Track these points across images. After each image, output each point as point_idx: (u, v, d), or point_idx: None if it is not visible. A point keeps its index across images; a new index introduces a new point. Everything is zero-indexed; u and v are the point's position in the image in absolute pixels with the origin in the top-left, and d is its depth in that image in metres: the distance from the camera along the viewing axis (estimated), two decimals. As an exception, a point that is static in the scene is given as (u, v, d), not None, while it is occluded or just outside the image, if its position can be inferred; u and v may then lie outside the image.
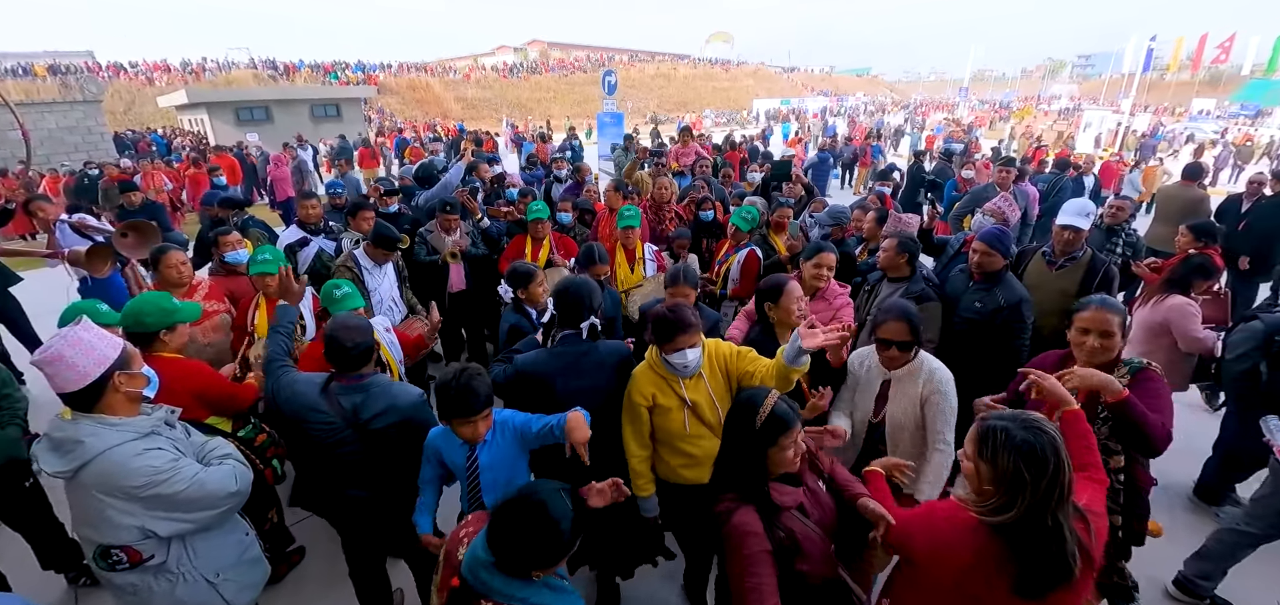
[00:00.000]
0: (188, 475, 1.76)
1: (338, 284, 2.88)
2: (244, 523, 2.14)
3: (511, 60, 59.12)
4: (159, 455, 1.73)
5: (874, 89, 74.80)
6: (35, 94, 18.11)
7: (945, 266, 4.00)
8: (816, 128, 28.24)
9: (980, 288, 3.16)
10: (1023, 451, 1.31)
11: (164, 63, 36.47)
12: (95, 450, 1.65)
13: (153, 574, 1.81)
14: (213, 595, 1.93)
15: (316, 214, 4.68)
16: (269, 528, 3.01)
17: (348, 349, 2.12)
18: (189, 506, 1.78)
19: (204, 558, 1.90)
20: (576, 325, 2.37)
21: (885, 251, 3.34)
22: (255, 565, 2.12)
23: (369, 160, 16.44)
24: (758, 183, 6.39)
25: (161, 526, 1.75)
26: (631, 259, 4.14)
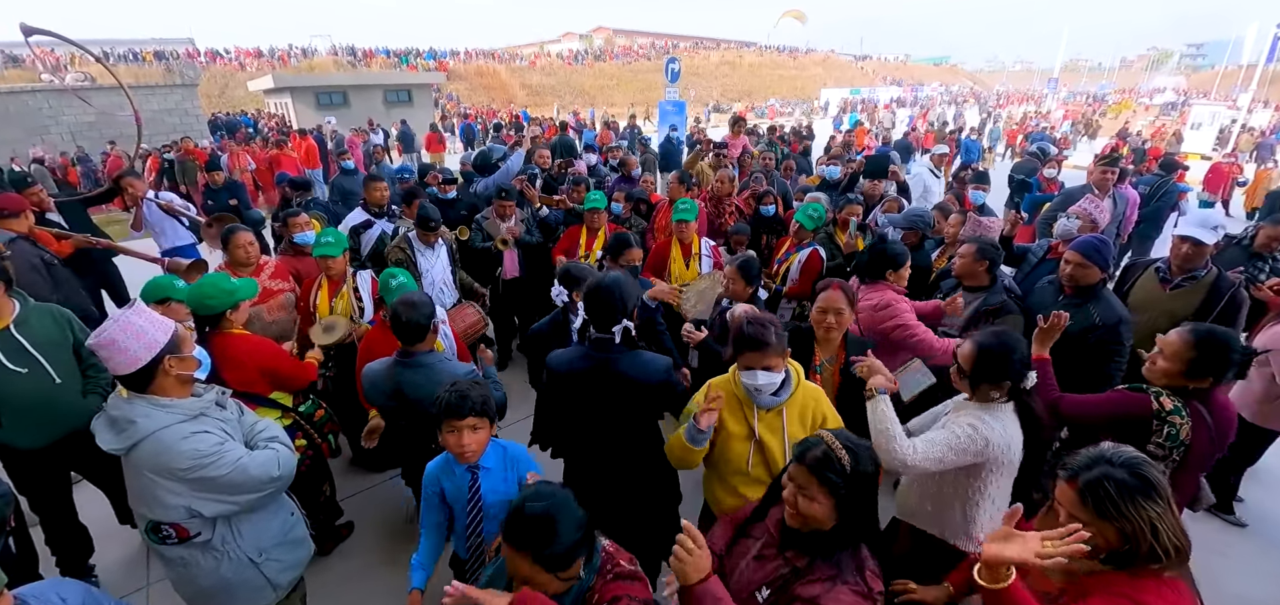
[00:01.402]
0: (231, 459, 1.79)
1: (393, 273, 2.91)
2: (291, 503, 2.18)
3: (577, 47, 59.60)
4: (205, 439, 1.76)
5: (952, 79, 70.72)
6: (142, 78, 19.64)
7: (1029, 275, 3.64)
8: (887, 119, 26.95)
9: (1071, 302, 2.85)
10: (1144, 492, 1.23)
11: (255, 49, 38.88)
12: (146, 431, 1.70)
13: (199, 550, 1.87)
14: (255, 573, 1.97)
15: (382, 197, 4.80)
16: (323, 500, 3.10)
17: (403, 322, 2.30)
18: (232, 489, 1.81)
19: (248, 537, 1.94)
20: (608, 329, 2.18)
21: (962, 258, 3.07)
22: (299, 545, 2.16)
23: (436, 145, 16.96)
24: (836, 178, 5.95)
25: (206, 507, 1.80)
26: (687, 253, 4.02)
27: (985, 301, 2.92)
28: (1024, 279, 3.63)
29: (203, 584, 1.92)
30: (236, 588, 1.96)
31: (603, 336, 2.16)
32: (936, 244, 4.06)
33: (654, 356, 2.22)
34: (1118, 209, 4.98)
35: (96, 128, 16.75)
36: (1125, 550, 1.28)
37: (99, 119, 16.62)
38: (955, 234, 3.80)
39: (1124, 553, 1.28)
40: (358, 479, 3.70)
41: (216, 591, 1.95)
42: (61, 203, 4.67)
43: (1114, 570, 1.30)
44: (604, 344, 2.16)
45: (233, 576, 1.93)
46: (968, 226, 3.63)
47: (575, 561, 1.32)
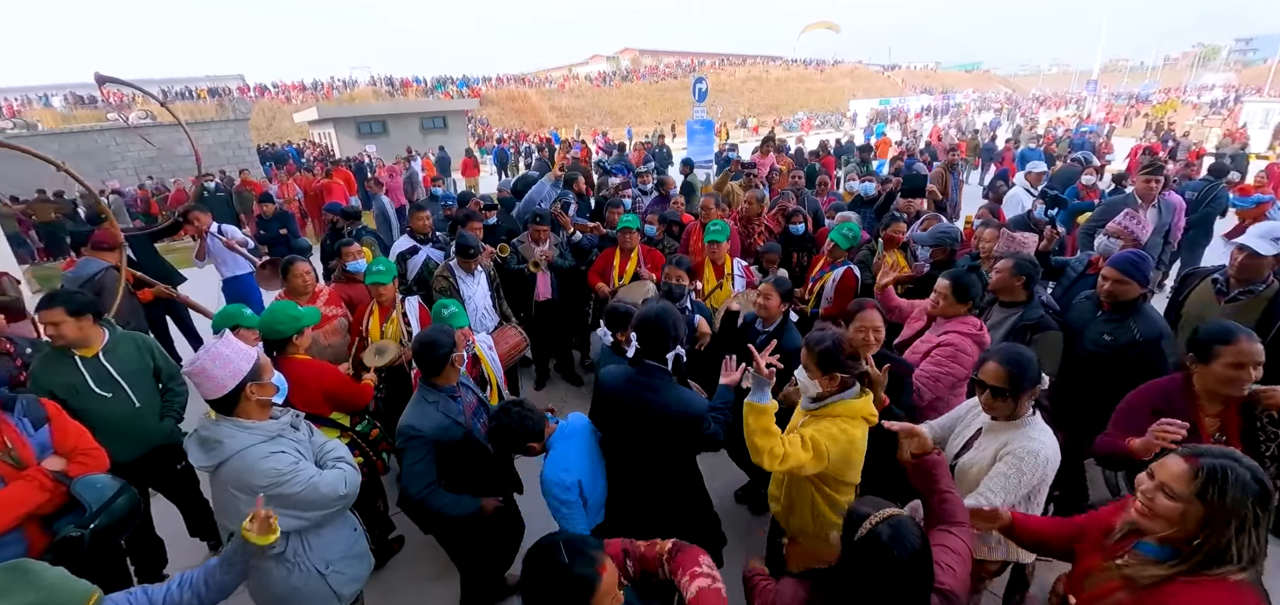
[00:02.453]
0: (304, 478, 1.93)
1: (445, 303, 3.07)
2: (354, 519, 2.32)
3: (605, 69, 60.52)
4: (282, 458, 1.91)
5: (985, 85, 69.23)
6: (197, 114, 20.84)
7: (1068, 290, 3.59)
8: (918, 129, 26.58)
9: (1110, 318, 2.83)
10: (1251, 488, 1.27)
11: (299, 83, 40.71)
12: (231, 450, 1.86)
13: (273, 561, 2.01)
14: (322, 584, 2.10)
15: (426, 225, 5.02)
16: (376, 514, 3.26)
17: (426, 356, 2.46)
18: (304, 506, 1.96)
19: (317, 550, 2.08)
20: (661, 356, 2.29)
21: (999, 273, 3.04)
22: (361, 559, 2.29)
23: (471, 170, 17.45)
24: (871, 196, 5.91)
25: (281, 521, 1.91)
26: (720, 273, 4.10)
27: (1022, 317, 2.90)
28: (1063, 294, 3.59)
29: (276, 591, 2.07)
30: (305, 596, 2.10)
31: (655, 363, 2.25)
32: (970, 260, 4.03)
33: (693, 395, 2.30)
34: (1163, 218, 4.85)
35: (157, 162, 17.83)
36: (1197, 544, 1.32)
37: (160, 154, 17.68)
38: (990, 249, 3.77)
39: (1195, 548, 1.33)
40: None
41: (287, 599, 2.09)
42: (131, 236, 5.03)
43: (1179, 576, 1.34)
44: (651, 371, 2.25)
45: (302, 586, 2.07)
46: (1001, 241, 3.60)
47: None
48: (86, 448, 2.30)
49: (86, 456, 2.27)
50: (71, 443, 2.26)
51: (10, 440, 2.08)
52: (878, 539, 1.32)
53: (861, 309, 2.56)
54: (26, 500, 2.01)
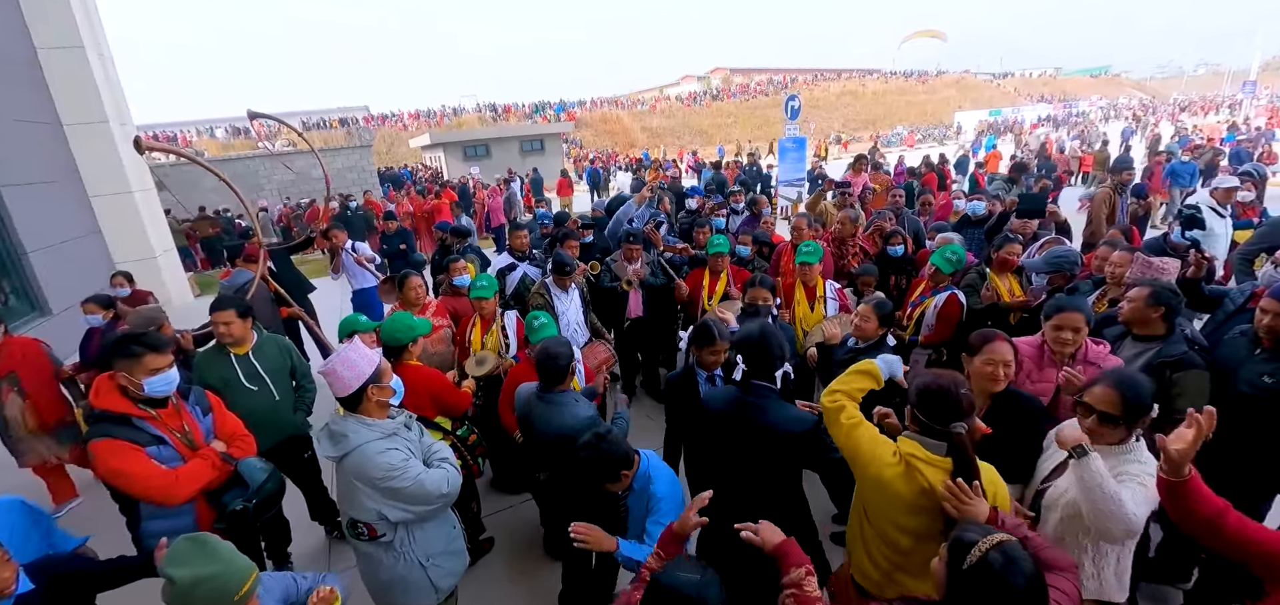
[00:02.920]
0: (412, 475, 2.09)
1: (536, 315, 3.24)
2: (454, 517, 2.47)
3: (696, 88, 61.00)
4: (395, 454, 2.08)
5: (1114, 90, 62.41)
6: (329, 141, 23.34)
7: (1221, 326, 3.12)
8: (1035, 142, 24.41)
9: (1271, 356, 2.46)
10: None
11: (415, 111, 44.44)
12: (354, 443, 2.06)
13: (382, 548, 2.19)
14: (422, 575, 2.25)
15: (524, 243, 5.31)
16: (471, 515, 3.46)
17: (545, 368, 2.61)
18: (411, 500, 2.12)
19: (420, 542, 2.24)
20: (770, 376, 2.23)
21: (1132, 302, 2.70)
22: (458, 556, 2.44)
23: (565, 190, 18.18)
24: (981, 215, 5.47)
25: (392, 513, 2.11)
26: (811, 296, 4.00)
27: (1160, 353, 2.56)
28: (1214, 330, 3.15)
29: (382, 577, 2.26)
30: (407, 585, 2.27)
31: (763, 383, 2.21)
32: (1093, 285, 3.65)
33: (801, 412, 2.23)
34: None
35: (296, 185, 20.12)
36: None
37: (298, 178, 19.94)
38: (1119, 275, 3.39)
39: None
40: (497, 499, 4.06)
41: (392, 585, 2.27)
42: (272, 250, 5.72)
43: None
44: (759, 390, 2.21)
45: (405, 575, 2.24)
46: (1135, 267, 3.21)
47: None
48: (241, 434, 2.61)
49: (242, 441, 2.58)
50: (229, 430, 2.58)
51: (187, 424, 2.40)
52: (990, 567, 1.23)
53: (990, 341, 2.32)
54: (203, 475, 2.31)
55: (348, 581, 2.26)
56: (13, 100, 7.95)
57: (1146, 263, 3.16)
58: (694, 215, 6.54)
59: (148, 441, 2.24)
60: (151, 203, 10.29)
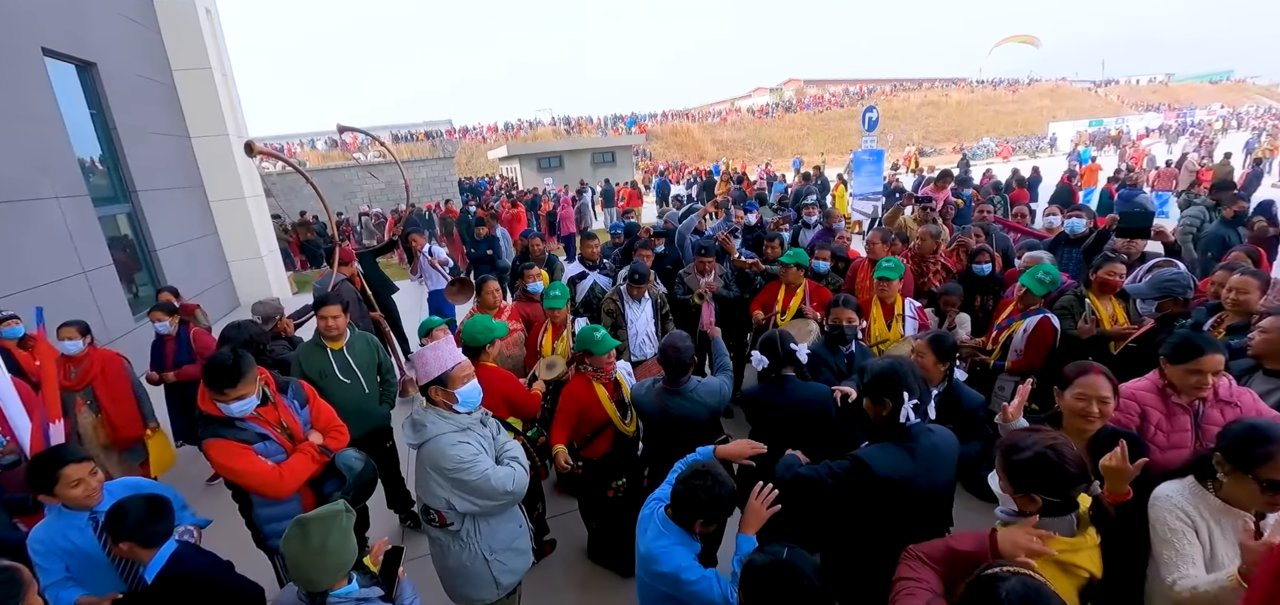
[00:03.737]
0: (480, 469, 2.18)
1: (594, 328, 3.19)
2: (521, 516, 2.54)
3: (768, 100, 60.26)
4: (465, 448, 2.18)
5: (1238, 98, 56.07)
6: (415, 153, 24.88)
7: None
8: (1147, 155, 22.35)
9: None
10: None
11: (494, 125, 46.48)
12: (431, 434, 2.20)
13: (450, 536, 2.30)
14: (485, 568, 2.34)
15: (594, 252, 5.42)
16: (536, 516, 3.54)
17: (672, 360, 2.76)
18: (476, 493, 2.21)
19: (485, 536, 2.32)
20: (897, 418, 2.01)
21: (1265, 333, 2.44)
22: (521, 554, 2.49)
23: (634, 200, 18.40)
24: (1080, 233, 4.94)
25: (459, 503, 2.21)
26: (889, 315, 3.84)
27: (1296, 390, 2.31)
28: None
29: (449, 564, 2.37)
30: (470, 575, 2.36)
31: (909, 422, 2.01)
32: (1207, 312, 3.29)
33: (949, 434, 2.11)
34: None
35: (385, 193, 21.54)
36: None
37: (386, 187, 21.34)
38: (1244, 303, 3.04)
39: None
40: (561, 502, 4.12)
41: (457, 572, 2.38)
42: (359, 254, 6.14)
43: None
44: (918, 431, 2.03)
45: (469, 565, 2.34)
46: (1271, 294, 2.87)
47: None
48: (336, 425, 2.75)
49: (337, 432, 2.72)
50: (324, 421, 2.71)
51: (285, 419, 2.53)
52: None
53: (1084, 372, 2.08)
54: (305, 470, 2.46)
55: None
56: (152, 116, 9.01)
57: (1277, 284, 2.83)
58: (758, 229, 6.45)
59: (253, 439, 2.39)
60: (260, 207, 11.33)
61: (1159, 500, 1.78)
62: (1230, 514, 1.68)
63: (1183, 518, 1.71)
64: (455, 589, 2.44)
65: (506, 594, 2.49)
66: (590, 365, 3.03)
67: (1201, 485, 1.73)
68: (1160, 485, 1.82)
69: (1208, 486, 1.71)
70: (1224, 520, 1.69)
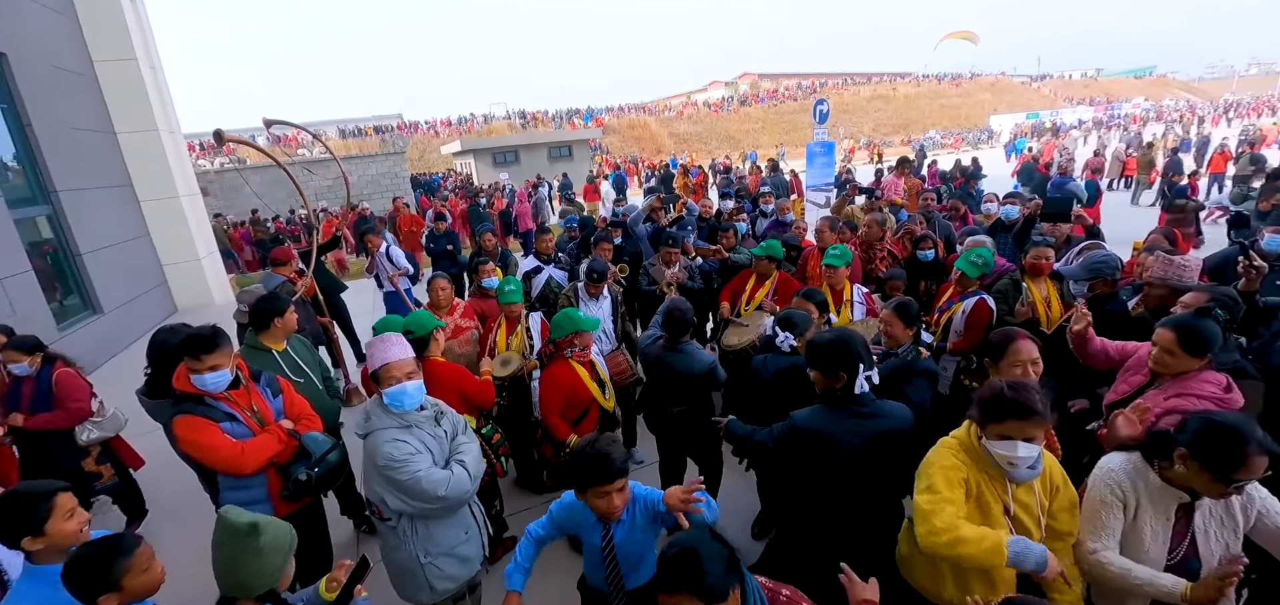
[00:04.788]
0: (411, 470, 2.11)
1: (572, 311, 3.25)
2: (470, 522, 2.41)
3: (723, 94, 60.86)
4: (400, 446, 2.13)
5: (1160, 92, 60.11)
6: (364, 148, 24.03)
7: (1275, 336, 2.92)
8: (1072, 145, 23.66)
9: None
10: None
11: (447, 119, 45.38)
12: (373, 427, 2.19)
13: (390, 532, 2.28)
14: (418, 571, 2.27)
15: (550, 247, 5.37)
16: (493, 514, 3.49)
17: (675, 321, 3.09)
18: (408, 494, 2.15)
19: (422, 538, 2.26)
20: (852, 390, 2.14)
21: (1187, 309, 2.61)
22: (463, 562, 2.37)
23: (591, 195, 18.32)
24: (1012, 220, 5.31)
25: (391, 500, 2.17)
26: (838, 300, 3.95)
27: (1212, 361, 2.48)
28: (1267, 341, 2.93)
29: (391, 558, 2.34)
30: (405, 575, 2.32)
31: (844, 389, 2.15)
32: (1133, 291, 3.52)
33: (897, 406, 2.22)
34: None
35: (332, 191, 20.73)
36: None
37: (334, 184, 20.56)
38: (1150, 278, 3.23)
39: None
40: (522, 498, 4.09)
41: (395, 569, 2.35)
42: (303, 253, 5.93)
43: None
44: (849, 398, 2.15)
45: (404, 564, 2.30)
46: (1157, 267, 3.06)
47: (731, 592, 1.35)
48: (308, 414, 2.80)
49: (308, 420, 2.77)
50: (297, 411, 2.78)
51: (257, 404, 2.58)
52: None
53: (1012, 339, 2.25)
54: (270, 447, 2.49)
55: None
56: (72, 110, 8.40)
57: (1168, 261, 3.03)
58: (713, 220, 6.54)
59: (220, 418, 2.42)
60: (197, 207, 10.73)
61: (1101, 470, 1.92)
62: (1166, 493, 1.79)
63: (1117, 494, 1.84)
64: (396, 585, 2.40)
65: (448, 599, 2.40)
66: (578, 345, 3.11)
67: (1146, 463, 1.84)
68: (1107, 456, 1.96)
69: (1153, 465, 1.83)
70: (1158, 498, 1.81)
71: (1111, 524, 1.83)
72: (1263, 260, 3.08)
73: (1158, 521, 1.80)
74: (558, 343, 3.14)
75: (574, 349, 3.12)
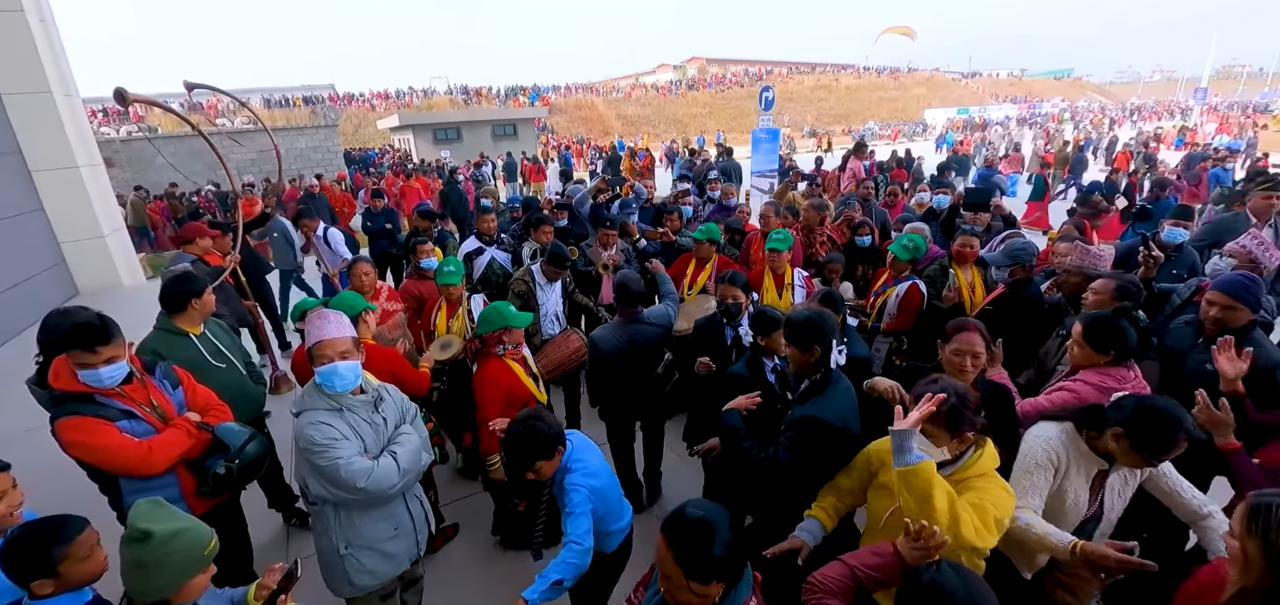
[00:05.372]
0: (331, 456, 2.00)
1: (504, 306, 3.00)
2: (400, 518, 2.28)
3: (672, 78, 60.86)
4: (324, 430, 2.03)
5: (1076, 93, 64.58)
6: (293, 120, 22.59)
7: (1169, 319, 3.20)
8: (997, 139, 25.10)
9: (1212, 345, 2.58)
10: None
11: (383, 92, 43.29)
12: (303, 407, 2.08)
13: (315, 516, 2.19)
14: (338, 562, 2.18)
15: (492, 227, 5.22)
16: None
17: (630, 292, 3.19)
18: (328, 481, 2.05)
19: (345, 527, 2.16)
20: (828, 364, 2.25)
21: (1097, 294, 2.80)
22: (386, 559, 2.25)
23: (536, 175, 17.95)
24: (943, 209, 5.57)
25: (312, 485, 2.08)
26: (780, 283, 4.02)
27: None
28: (1162, 323, 3.21)
29: (318, 543, 2.24)
30: (326, 563, 2.23)
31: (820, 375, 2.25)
32: (1046, 276, 3.76)
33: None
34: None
35: (257, 164, 19.36)
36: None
37: (258, 157, 19.22)
38: (1062, 264, 3.46)
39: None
40: (461, 486, 3.98)
41: (323, 558, 2.24)
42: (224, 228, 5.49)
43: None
44: (834, 380, 2.27)
45: (324, 552, 2.21)
46: (1074, 255, 3.30)
47: (712, 581, 1.35)
48: (215, 405, 2.58)
49: (217, 411, 2.56)
50: (201, 401, 2.55)
51: (155, 399, 2.34)
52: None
53: (961, 330, 2.35)
54: (179, 443, 2.28)
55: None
56: (-56, 65, 7.45)
57: (1084, 250, 3.26)
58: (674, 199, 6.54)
59: (116, 416, 2.19)
60: (99, 179, 9.78)
61: (1035, 435, 2.08)
62: (1091, 460, 1.98)
63: (1051, 459, 2.00)
64: (322, 574, 2.27)
65: (366, 596, 2.28)
66: (507, 342, 2.91)
67: (1078, 432, 2.00)
68: (1041, 423, 2.13)
69: (1082, 435, 2.00)
70: (1083, 465, 1.99)
71: (1041, 486, 1.98)
72: (1160, 250, 3.35)
73: (1080, 485, 1.99)
74: (485, 338, 2.93)
75: (506, 347, 2.92)
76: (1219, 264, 3.45)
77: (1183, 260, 3.86)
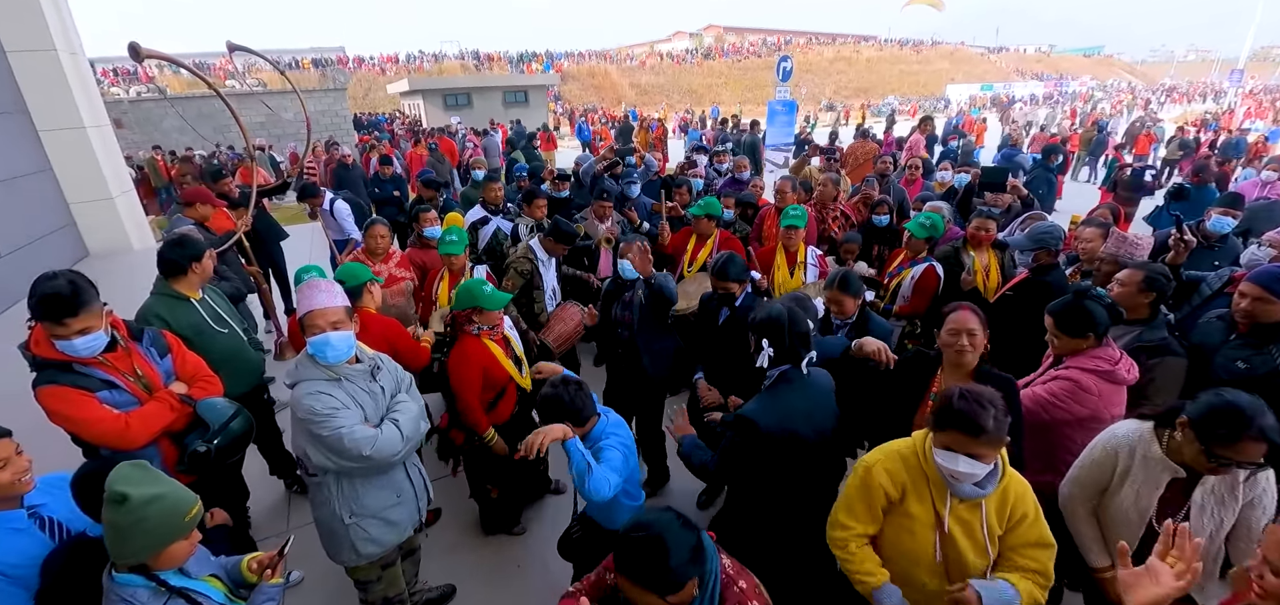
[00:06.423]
0: (333, 426, 1.96)
1: (480, 283, 2.83)
2: (404, 487, 2.27)
3: (687, 46, 59.65)
4: (324, 400, 1.97)
5: (1106, 71, 62.57)
6: (301, 83, 22.41)
7: (1196, 310, 3.03)
8: (1022, 119, 24.36)
9: (1246, 341, 2.43)
10: None
11: (394, 55, 42.85)
12: (298, 378, 2.02)
13: (316, 487, 2.15)
14: (342, 531, 2.15)
15: (498, 196, 5.10)
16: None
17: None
18: (331, 451, 2.00)
19: (347, 497, 2.12)
20: (800, 360, 2.07)
21: (1124, 285, 2.62)
22: (390, 527, 2.24)
23: (547, 144, 17.68)
24: (962, 188, 5.39)
25: (313, 455, 2.02)
26: (792, 262, 3.89)
27: (1140, 337, 2.52)
28: (1189, 314, 3.05)
29: (317, 515, 2.21)
30: (332, 534, 2.20)
31: (789, 367, 2.09)
32: (1069, 262, 3.60)
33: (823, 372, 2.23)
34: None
35: (265, 127, 19.31)
36: None
37: (268, 119, 19.16)
38: (1092, 251, 3.32)
39: None
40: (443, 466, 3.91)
41: (321, 527, 2.22)
42: (244, 192, 5.42)
43: None
44: (797, 377, 2.10)
45: (327, 522, 2.18)
46: (1110, 242, 3.14)
47: (686, 583, 1.32)
48: (204, 375, 2.52)
49: (205, 382, 2.49)
50: (190, 370, 2.49)
51: (140, 367, 2.27)
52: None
53: (955, 310, 2.24)
54: (160, 417, 2.23)
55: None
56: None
57: (1121, 238, 3.10)
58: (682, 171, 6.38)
59: (97, 386, 2.13)
60: (107, 139, 9.73)
61: (1108, 431, 2.02)
62: (1162, 464, 1.83)
63: (1109, 453, 1.95)
64: (323, 545, 2.26)
65: (369, 565, 2.28)
66: (480, 323, 2.74)
67: (1155, 435, 1.87)
68: (1124, 420, 2.03)
69: (1162, 437, 1.86)
70: (1153, 468, 1.85)
71: (1096, 478, 1.98)
72: (1192, 236, 3.17)
73: (1146, 489, 1.86)
74: (455, 316, 2.79)
75: (480, 326, 2.75)
76: (1257, 254, 3.27)
77: (1226, 251, 3.62)
